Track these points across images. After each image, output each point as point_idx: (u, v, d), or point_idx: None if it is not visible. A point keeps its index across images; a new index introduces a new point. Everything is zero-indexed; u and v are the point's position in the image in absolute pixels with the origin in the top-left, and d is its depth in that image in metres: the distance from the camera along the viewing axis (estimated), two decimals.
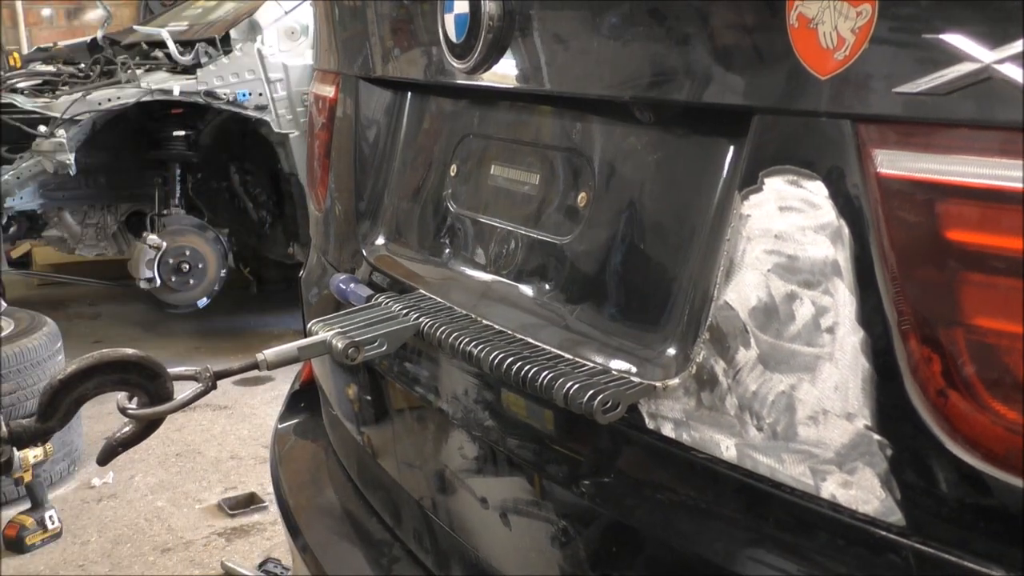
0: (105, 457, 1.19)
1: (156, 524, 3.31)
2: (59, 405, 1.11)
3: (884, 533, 0.76)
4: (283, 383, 3.75)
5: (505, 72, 1.17)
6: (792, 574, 0.83)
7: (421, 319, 1.22)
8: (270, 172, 5.19)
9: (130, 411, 1.16)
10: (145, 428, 1.18)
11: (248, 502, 3.41)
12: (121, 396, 1.16)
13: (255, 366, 1.17)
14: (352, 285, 1.46)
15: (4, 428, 1.09)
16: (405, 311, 1.26)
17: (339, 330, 1.21)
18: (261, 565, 2.96)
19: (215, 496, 3.48)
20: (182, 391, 1.18)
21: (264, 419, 4.10)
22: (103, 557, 3.11)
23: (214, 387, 1.17)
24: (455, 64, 1.21)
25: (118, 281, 5.36)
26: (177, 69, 4.67)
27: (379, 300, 1.34)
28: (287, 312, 5.32)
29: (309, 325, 1.26)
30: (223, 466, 3.74)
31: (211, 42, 4.70)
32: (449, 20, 1.20)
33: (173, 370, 1.17)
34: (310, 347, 1.20)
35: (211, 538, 3.20)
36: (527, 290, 1.22)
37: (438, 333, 1.17)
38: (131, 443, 1.18)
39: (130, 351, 1.15)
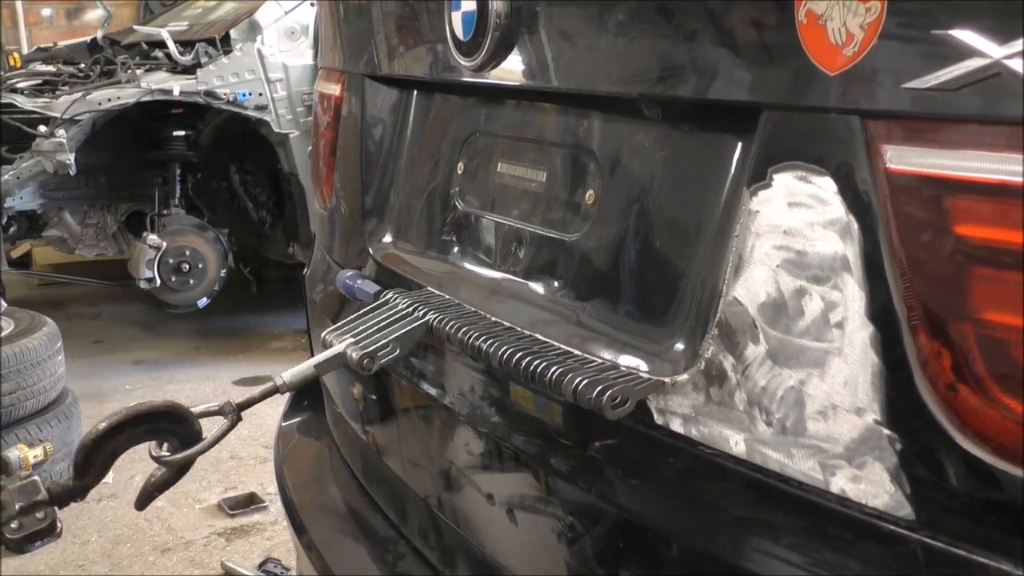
0: (142, 502, 1.22)
1: (156, 524, 3.31)
2: (93, 461, 1.14)
3: (893, 527, 0.76)
4: None
5: (512, 69, 1.17)
6: (801, 568, 0.83)
7: (431, 315, 1.23)
8: (270, 172, 5.19)
9: (164, 459, 1.18)
10: (178, 470, 1.20)
11: (248, 502, 3.41)
12: (151, 443, 1.18)
13: (275, 391, 1.19)
14: (359, 281, 1.46)
15: (43, 492, 1.14)
16: (414, 308, 1.26)
17: (352, 340, 1.22)
18: (261, 565, 2.96)
19: (215, 496, 3.48)
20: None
21: (264, 419, 4.09)
22: (103, 557, 3.11)
23: (239, 419, 1.18)
24: (462, 62, 1.21)
25: (118, 281, 5.35)
26: (177, 69, 4.67)
27: (387, 297, 1.34)
28: (287, 312, 5.32)
29: (322, 336, 1.27)
30: (223, 466, 3.73)
31: (211, 42, 4.70)
32: (456, 18, 1.20)
33: (197, 409, 1.19)
34: (326, 362, 1.22)
35: (211, 538, 3.20)
36: (536, 287, 1.22)
37: (448, 329, 1.18)
38: (166, 486, 1.21)
39: (158, 401, 1.18)
